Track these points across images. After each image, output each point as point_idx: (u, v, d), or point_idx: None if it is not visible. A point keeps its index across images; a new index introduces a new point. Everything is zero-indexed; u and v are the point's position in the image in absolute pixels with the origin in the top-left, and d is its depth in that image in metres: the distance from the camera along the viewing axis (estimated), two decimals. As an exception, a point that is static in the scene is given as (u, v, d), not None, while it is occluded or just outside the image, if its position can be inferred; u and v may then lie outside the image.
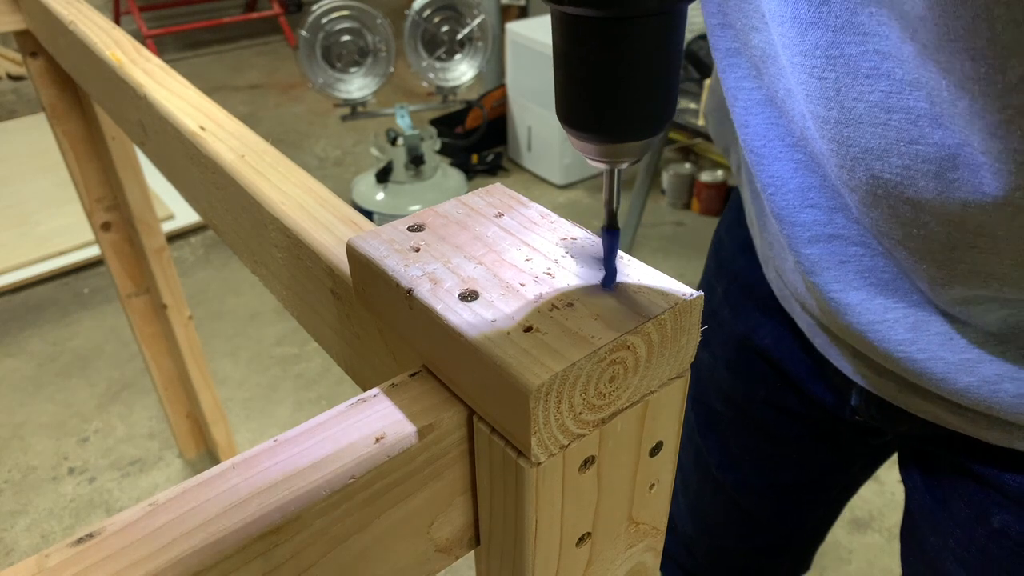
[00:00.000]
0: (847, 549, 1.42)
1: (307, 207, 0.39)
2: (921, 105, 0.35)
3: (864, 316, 0.44)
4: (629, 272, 0.27)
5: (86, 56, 0.64)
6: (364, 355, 0.37)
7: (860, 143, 0.38)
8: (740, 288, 0.63)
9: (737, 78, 0.47)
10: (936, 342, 0.43)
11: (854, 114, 0.38)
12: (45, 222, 2.28)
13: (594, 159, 0.25)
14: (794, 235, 0.46)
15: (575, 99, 0.24)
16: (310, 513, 0.24)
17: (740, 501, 0.72)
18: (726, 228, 0.67)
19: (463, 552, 0.31)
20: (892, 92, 0.36)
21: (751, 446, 0.69)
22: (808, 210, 0.45)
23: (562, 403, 0.24)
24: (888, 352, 0.44)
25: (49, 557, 0.23)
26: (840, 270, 0.45)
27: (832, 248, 0.45)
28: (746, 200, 0.58)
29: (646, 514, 0.31)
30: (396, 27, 2.21)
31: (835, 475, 0.68)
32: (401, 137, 2.17)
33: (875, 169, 0.38)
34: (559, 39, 0.23)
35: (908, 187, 0.37)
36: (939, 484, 0.53)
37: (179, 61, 3.68)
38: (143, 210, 1.13)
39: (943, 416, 0.47)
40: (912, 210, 0.38)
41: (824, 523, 0.75)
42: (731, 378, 0.67)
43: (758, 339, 0.62)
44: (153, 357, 1.36)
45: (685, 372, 0.28)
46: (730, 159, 0.61)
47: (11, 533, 1.47)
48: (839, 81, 0.38)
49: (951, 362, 0.43)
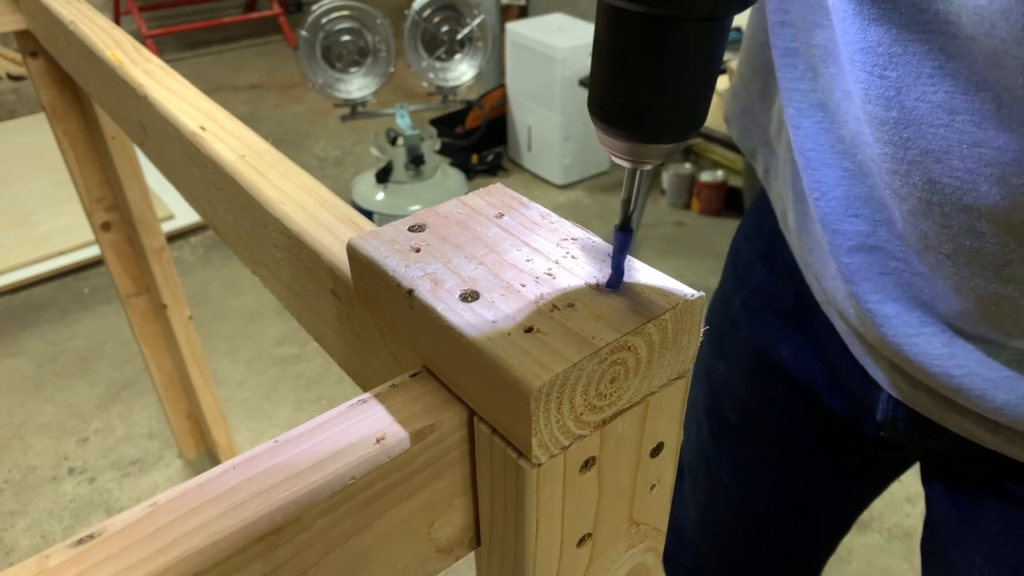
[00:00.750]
0: (847, 549, 1.42)
1: (307, 207, 0.39)
2: (987, 107, 0.34)
3: (901, 328, 0.44)
4: (630, 272, 0.27)
5: (86, 56, 0.64)
6: (364, 355, 0.37)
7: (920, 145, 0.37)
8: (759, 299, 0.63)
9: (792, 79, 0.47)
10: (973, 358, 0.42)
11: (915, 115, 0.37)
12: (45, 222, 2.28)
13: (620, 156, 0.25)
14: (836, 242, 0.45)
15: (609, 93, 0.24)
16: (310, 514, 0.24)
17: (751, 511, 0.72)
18: (744, 238, 0.67)
19: (464, 553, 0.31)
20: (957, 93, 0.35)
21: (765, 457, 0.68)
22: (852, 219, 0.44)
23: (563, 404, 0.24)
24: (924, 366, 0.44)
25: (49, 558, 0.23)
26: (879, 281, 0.44)
27: (873, 259, 0.44)
28: (787, 204, 0.57)
29: (647, 515, 0.31)
30: (396, 27, 2.21)
31: (849, 488, 0.68)
32: (401, 137, 2.17)
33: (933, 173, 0.37)
34: (604, 32, 0.23)
35: (968, 192, 0.36)
36: (966, 500, 0.52)
37: (179, 61, 3.68)
38: (143, 210, 1.13)
39: (978, 433, 0.46)
40: (968, 218, 0.37)
41: (835, 535, 0.75)
42: (747, 389, 0.66)
43: (776, 351, 0.61)
44: (153, 357, 1.36)
45: (686, 373, 0.28)
46: (756, 162, 0.60)
47: (11, 533, 1.47)
48: (901, 80, 0.37)
49: (989, 379, 0.42)
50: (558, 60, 2.34)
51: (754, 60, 0.56)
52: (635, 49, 0.22)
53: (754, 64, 0.56)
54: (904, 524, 1.46)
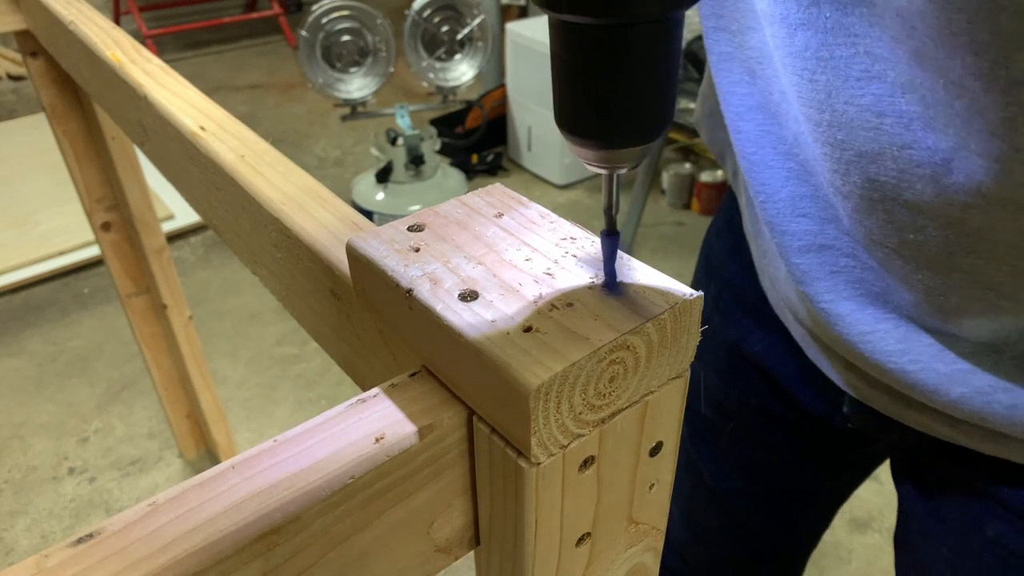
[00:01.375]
0: (847, 549, 1.42)
1: (307, 207, 0.39)
2: (914, 108, 0.34)
3: (855, 327, 0.44)
4: (629, 272, 0.27)
5: (86, 56, 0.64)
6: (364, 355, 0.37)
7: (854, 147, 0.37)
8: (730, 294, 0.63)
9: (730, 83, 0.47)
10: (928, 353, 0.42)
11: (846, 118, 0.37)
12: (45, 222, 2.28)
13: (593, 164, 0.25)
14: (785, 244, 0.45)
15: (573, 105, 0.24)
16: (310, 513, 0.24)
17: (731, 508, 0.72)
18: (716, 232, 0.67)
19: (463, 552, 0.31)
20: (884, 96, 0.35)
21: (742, 453, 0.68)
22: (799, 219, 0.44)
23: (562, 403, 0.24)
24: (879, 363, 0.44)
25: (49, 557, 0.23)
26: (831, 280, 0.44)
27: (823, 258, 0.44)
28: (742, 206, 0.58)
29: (646, 514, 0.31)
30: (396, 27, 2.21)
31: (826, 482, 0.68)
32: (401, 137, 2.17)
33: (870, 172, 0.37)
34: (556, 46, 0.23)
35: (905, 190, 0.36)
36: (932, 492, 0.52)
37: (179, 61, 3.68)
38: (143, 210, 1.13)
39: (936, 427, 0.46)
40: (909, 214, 0.37)
41: (816, 530, 0.75)
42: (721, 385, 0.66)
43: (748, 346, 0.62)
44: (153, 357, 1.36)
45: (685, 372, 0.28)
46: (726, 165, 0.60)
47: (11, 533, 1.47)
48: (830, 84, 0.37)
49: (943, 373, 0.42)
50: (558, 60, 2.34)
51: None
52: (591, 59, 0.22)
53: None
54: (904, 524, 1.46)
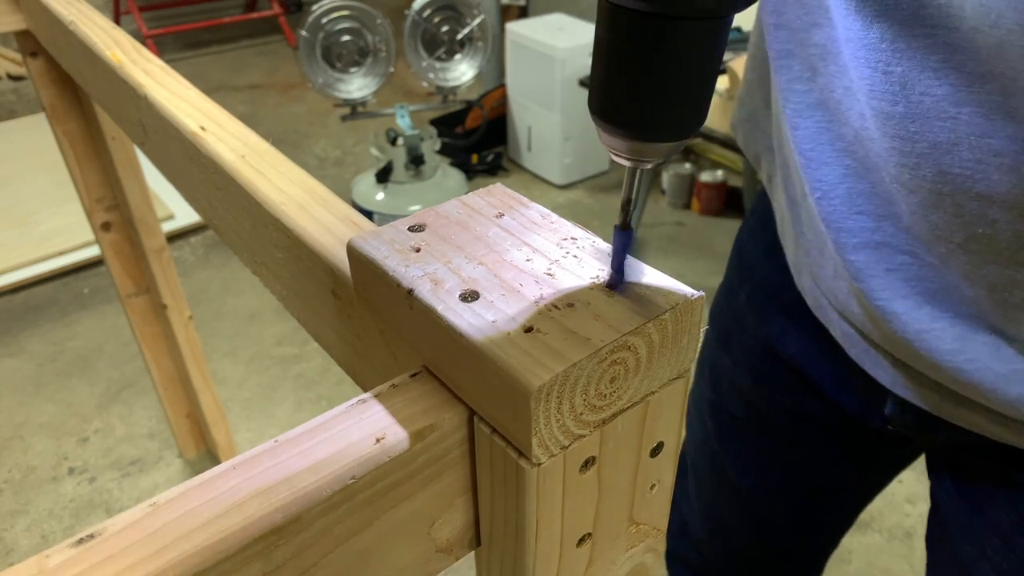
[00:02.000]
0: (847, 549, 1.42)
1: (307, 207, 0.39)
2: (994, 98, 0.34)
3: (911, 325, 0.44)
4: (630, 272, 0.27)
5: (86, 56, 0.64)
6: (364, 355, 0.37)
7: (927, 138, 0.37)
8: (765, 294, 0.63)
9: (789, 80, 0.47)
10: (984, 352, 0.42)
11: (921, 108, 0.37)
12: (45, 222, 2.28)
13: (620, 155, 0.25)
14: (840, 240, 0.45)
15: (610, 91, 0.24)
16: (310, 514, 0.24)
17: (756, 506, 0.72)
18: (749, 233, 0.67)
19: (464, 552, 0.31)
20: (961, 85, 0.35)
21: (771, 452, 0.68)
22: (856, 216, 0.44)
23: (563, 404, 0.24)
24: (935, 362, 0.44)
25: (49, 557, 0.23)
26: (887, 278, 0.44)
27: (879, 255, 0.44)
28: (780, 207, 0.57)
29: (647, 515, 0.31)
30: (396, 27, 2.21)
31: (854, 482, 0.68)
32: (401, 137, 2.17)
33: (943, 164, 0.37)
34: (605, 30, 0.23)
35: (979, 181, 0.36)
36: (975, 493, 0.52)
37: (179, 61, 3.68)
38: (143, 210, 1.13)
39: (988, 427, 0.46)
40: (980, 206, 0.37)
41: (838, 530, 0.75)
42: (753, 384, 0.66)
43: (783, 346, 0.61)
44: (153, 357, 1.36)
45: (686, 372, 0.28)
46: (760, 168, 0.60)
47: (11, 533, 1.47)
48: (906, 75, 0.37)
49: (1000, 373, 0.42)
50: (558, 60, 2.34)
51: (759, 67, 0.56)
52: (636, 48, 0.22)
53: (759, 71, 0.56)
54: (904, 524, 1.46)
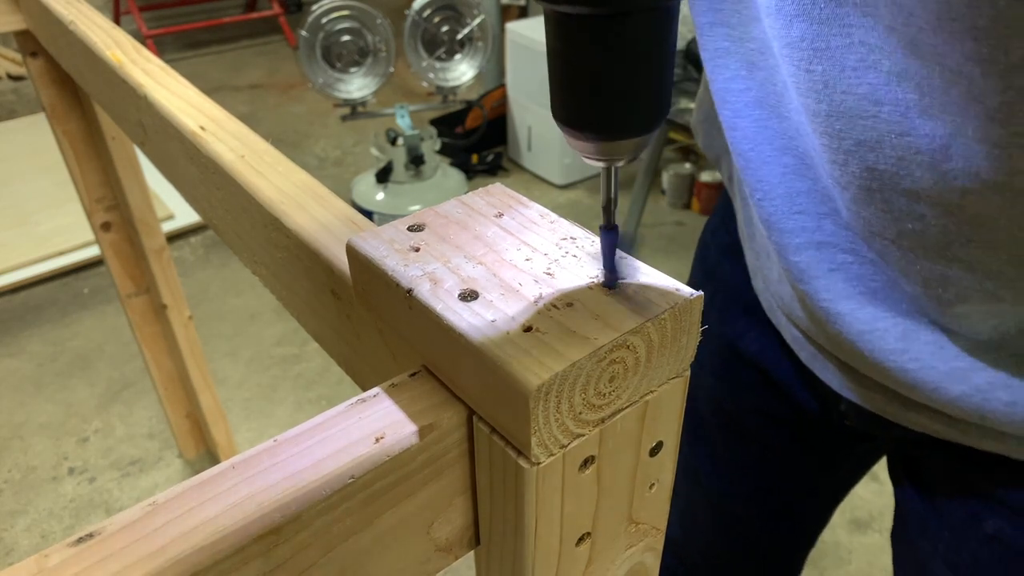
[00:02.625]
0: (847, 549, 1.42)
1: (307, 207, 0.39)
2: (910, 96, 0.34)
3: (854, 325, 0.44)
4: (629, 272, 0.27)
5: (86, 56, 0.64)
6: (364, 355, 0.37)
7: (852, 135, 0.38)
8: (726, 294, 0.63)
9: (726, 79, 0.46)
10: (927, 351, 0.42)
11: (844, 107, 0.37)
12: (45, 222, 2.28)
13: (590, 157, 0.25)
14: (782, 242, 0.45)
15: (569, 97, 0.24)
16: (310, 513, 0.24)
17: (728, 508, 0.72)
18: (711, 232, 0.67)
19: (463, 552, 0.31)
20: (879, 84, 0.35)
21: (739, 453, 0.68)
22: (796, 216, 0.44)
23: (562, 403, 0.24)
24: (879, 361, 0.44)
25: (49, 557, 0.23)
26: (829, 278, 0.44)
27: (821, 255, 0.44)
28: (737, 208, 0.58)
29: (646, 514, 0.31)
30: (396, 27, 2.21)
31: (824, 480, 0.68)
32: (401, 137, 2.17)
33: (869, 161, 0.38)
34: (552, 38, 0.23)
35: (904, 177, 0.37)
36: (929, 489, 0.52)
37: (179, 61, 3.68)
38: (143, 210, 1.13)
39: (934, 427, 0.46)
40: (908, 202, 0.37)
41: (814, 528, 0.75)
42: (718, 385, 0.66)
43: (745, 345, 0.62)
44: (153, 357, 1.36)
45: (685, 372, 0.28)
46: (721, 169, 0.60)
47: (11, 533, 1.47)
48: (826, 74, 0.37)
49: (943, 371, 0.42)
50: (558, 60, 2.34)
51: None
52: (585, 51, 0.22)
53: None
54: (904, 524, 1.46)
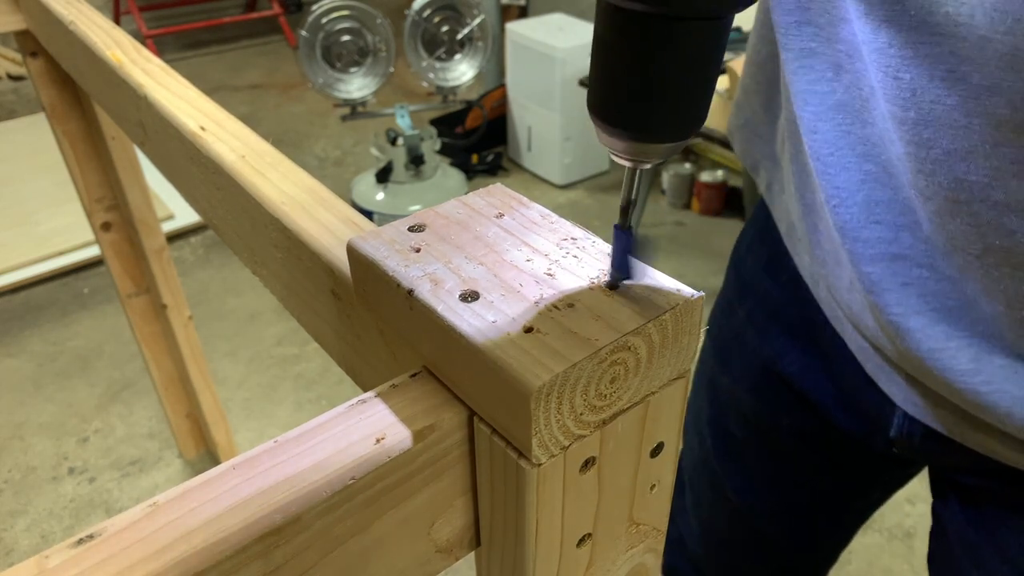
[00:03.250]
0: (847, 549, 1.42)
1: (307, 207, 0.39)
2: (1002, 112, 0.33)
3: (925, 342, 0.42)
4: (631, 272, 0.27)
5: (86, 56, 0.64)
6: (364, 355, 0.37)
7: (942, 145, 0.36)
8: (765, 311, 0.61)
9: (810, 80, 0.45)
10: (1001, 375, 0.41)
11: (932, 116, 0.36)
12: (45, 222, 2.28)
13: (619, 156, 0.25)
14: (856, 251, 0.44)
15: (611, 93, 0.24)
16: (310, 514, 0.24)
17: (754, 523, 0.71)
18: (747, 247, 0.65)
19: (464, 553, 0.31)
20: (970, 97, 0.34)
21: (770, 471, 0.67)
22: (873, 226, 0.43)
23: (563, 404, 0.24)
24: (949, 382, 0.42)
25: (49, 558, 0.23)
26: (902, 292, 0.43)
27: (895, 268, 0.43)
28: (789, 216, 0.56)
29: (647, 515, 0.31)
30: (396, 27, 2.21)
31: (853, 501, 0.67)
32: (401, 137, 2.17)
33: (958, 171, 0.36)
34: (604, 31, 0.23)
35: (996, 189, 0.35)
36: (983, 516, 0.51)
37: (179, 61, 3.68)
38: (143, 210, 1.13)
39: (1002, 451, 0.45)
40: (997, 215, 0.36)
41: (837, 546, 0.74)
42: (754, 403, 0.65)
43: (784, 365, 0.60)
44: (153, 357, 1.36)
45: (686, 373, 0.28)
46: (759, 176, 0.59)
47: (11, 533, 1.47)
48: (914, 83, 0.36)
49: (1017, 396, 0.40)
50: (558, 60, 2.34)
51: (757, 73, 0.55)
52: (636, 48, 0.22)
53: (757, 77, 0.55)
54: (904, 524, 1.46)
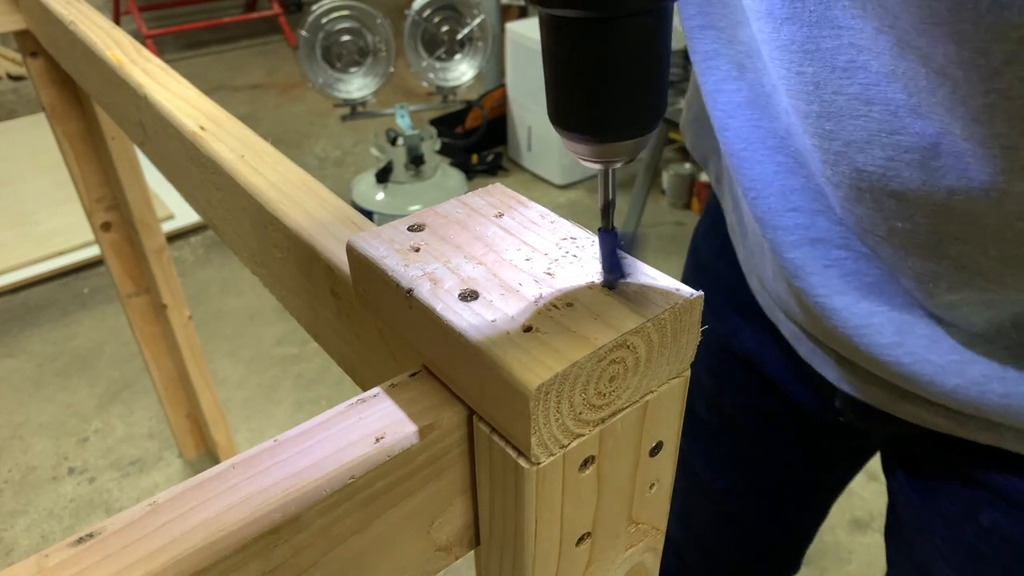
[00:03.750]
0: (847, 549, 1.42)
1: (307, 207, 0.39)
2: (899, 96, 0.35)
3: (850, 320, 0.44)
4: (629, 272, 0.27)
5: (86, 56, 0.64)
6: (364, 355, 0.37)
7: (842, 136, 0.38)
8: (719, 292, 0.63)
9: (717, 81, 0.47)
10: (922, 345, 0.43)
11: (834, 107, 0.38)
12: (45, 222, 2.28)
13: (587, 160, 0.25)
14: (777, 239, 0.45)
15: (565, 100, 0.24)
16: (310, 513, 0.24)
17: (727, 505, 0.72)
18: (703, 234, 0.67)
19: (463, 552, 0.31)
20: (870, 84, 0.36)
21: (736, 451, 0.69)
22: (790, 213, 0.45)
23: (562, 403, 0.24)
24: (874, 356, 0.44)
25: (49, 557, 0.23)
26: (824, 275, 0.44)
27: (815, 252, 0.44)
28: (727, 210, 0.58)
29: (646, 514, 0.31)
30: (396, 27, 2.21)
31: (820, 476, 0.69)
32: (401, 137, 2.17)
33: (858, 162, 0.38)
34: (547, 41, 0.23)
35: (892, 178, 0.37)
36: (925, 483, 0.53)
37: (179, 61, 3.68)
38: (143, 210, 1.13)
39: (931, 419, 0.46)
40: (896, 203, 0.38)
41: (812, 524, 0.75)
42: (714, 384, 0.67)
43: (739, 344, 0.62)
44: (153, 357, 1.36)
45: (685, 372, 0.28)
46: (708, 171, 0.60)
47: (11, 533, 1.47)
48: (817, 75, 0.38)
49: (938, 364, 0.42)
50: (558, 60, 2.34)
51: None
52: (581, 53, 0.22)
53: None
54: (904, 524, 1.46)
